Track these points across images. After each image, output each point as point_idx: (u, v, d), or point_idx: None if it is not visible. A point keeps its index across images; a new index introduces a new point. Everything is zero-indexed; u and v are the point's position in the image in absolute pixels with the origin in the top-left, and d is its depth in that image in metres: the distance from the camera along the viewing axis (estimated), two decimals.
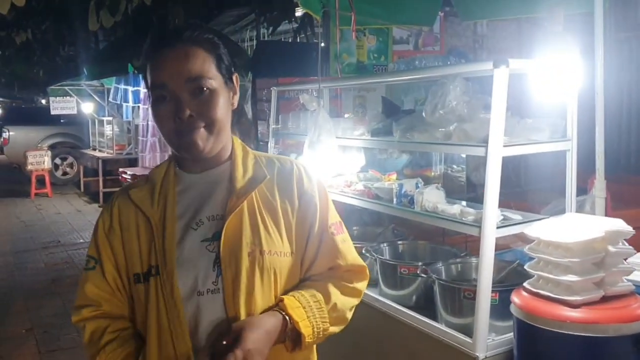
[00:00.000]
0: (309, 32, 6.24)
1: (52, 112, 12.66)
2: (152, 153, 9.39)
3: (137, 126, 10.17)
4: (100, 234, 1.49)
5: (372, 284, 2.63)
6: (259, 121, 4.34)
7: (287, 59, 5.55)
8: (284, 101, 4.04)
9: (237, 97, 1.52)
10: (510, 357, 2.02)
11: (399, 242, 2.80)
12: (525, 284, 1.96)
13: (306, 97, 2.95)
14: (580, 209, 2.34)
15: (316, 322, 1.39)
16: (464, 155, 3.27)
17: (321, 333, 1.41)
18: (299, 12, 6.19)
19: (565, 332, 1.77)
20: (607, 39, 2.62)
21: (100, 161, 10.77)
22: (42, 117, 13.86)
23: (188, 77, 1.37)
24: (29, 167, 11.45)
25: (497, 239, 2.05)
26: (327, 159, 2.73)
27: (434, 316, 2.27)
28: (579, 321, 1.77)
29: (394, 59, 3.93)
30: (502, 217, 2.15)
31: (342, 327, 1.49)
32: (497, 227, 2.05)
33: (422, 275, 2.37)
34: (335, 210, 1.57)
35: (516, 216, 2.23)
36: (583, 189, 2.41)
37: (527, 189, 4.13)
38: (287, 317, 1.36)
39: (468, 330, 2.08)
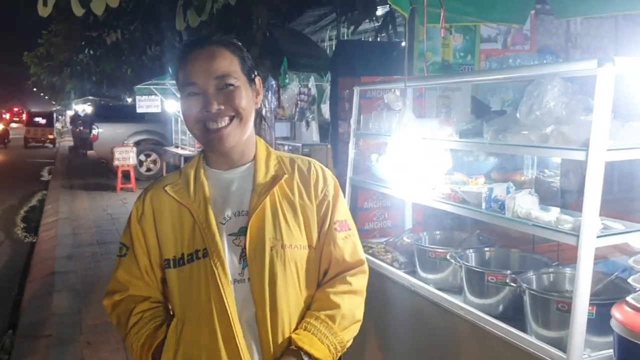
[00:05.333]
0: (390, 31, 6.14)
1: (138, 110, 13.17)
2: None
3: None
4: (134, 222, 1.64)
5: (456, 291, 2.55)
6: (340, 121, 4.31)
7: (368, 58, 5.48)
8: (365, 101, 3.98)
9: (260, 98, 1.64)
10: None
11: (486, 249, 2.69)
12: (628, 299, 1.82)
13: (391, 97, 2.89)
14: None
15: (329, 341, 1.52)
16: (556, 160, 3.11)
17: (338, 346, 1.54)
18: (380, 11, 6.12)
19: None
20: None
21: (182, 158, 11.10)
22: (128, 115, 14.47)
23: (216, 74, 1.51)
24: (116, 162, 11.99)
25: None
26: (412, 161, 2.67)
27: (522, 327, 2.16)
28: None
29: (482, 58, 3.79)
30: (602, 226, 2.01)
31: (357, 327, 1.61)
32: (597, 237, 1.92)
33: (512, 284, 2.26)
34: (346, 208, 1.70)
35: (618, 225, 2.08)
36: None
37: (620, 197, 3.89)
38: (301, 352, 1.48)
39: (561, 344, 1.96)
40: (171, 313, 1.64)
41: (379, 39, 6.48)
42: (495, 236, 2.85)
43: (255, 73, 1.63)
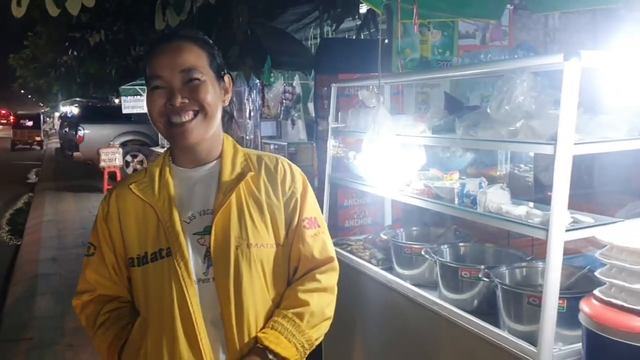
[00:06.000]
0: (372, 29, 6.15)
1: (124, 111, 13.09)
2: None
3: None
4: (100, 221, 1.64)
5: (432, 286, 2.55)
6: (319, 119, 4.31)
7: (351, 56, 5.47)
8: (345, 98, 3.98)
9: (228, 96, 1.62)
10: None
11: (461, 244, 2.69)
12: (595, 292, 1.83)
13: (365, 94, 2.88)
14: None
15: (296, 339, 1.50)
16: (532, 154, 3.12)
17: (305, 344, 1.52)
18: (362, 9, 6.12)
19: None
20: None
21: None
22: (114, 116, 14.40)
23: (182, 68, 1.49)
24: (102, 163, 11.91)
25: (566, 243, 1.92)
26: (386, 157, 2.66)
27: (496, 322, 2.17)
28: None
29: (460, 54, 3.78)
30: (571, 220, 2.01)
31: (327, 325, 1.60)
32: (566, 230, 1.92)
33: (485, 279, 2.26)
34: (316, 205, 1.68)
35: (587, 219, 2.08)
36: None
37: (600, 191, 3.91)
38: (267, 350, 1.46)
39: (532, 339, 1.97)
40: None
41: (362, 37, 6.48)
42: (472, 231, 2.85)
43: (225, 71, 1.62)
